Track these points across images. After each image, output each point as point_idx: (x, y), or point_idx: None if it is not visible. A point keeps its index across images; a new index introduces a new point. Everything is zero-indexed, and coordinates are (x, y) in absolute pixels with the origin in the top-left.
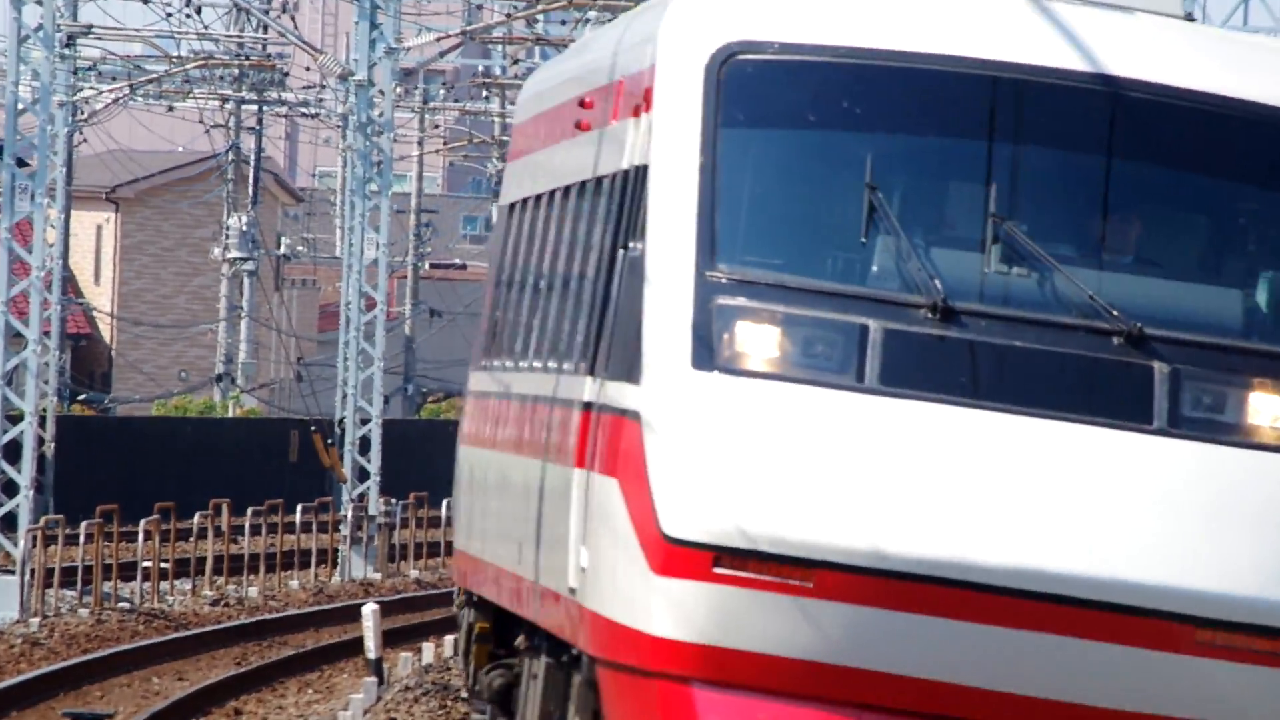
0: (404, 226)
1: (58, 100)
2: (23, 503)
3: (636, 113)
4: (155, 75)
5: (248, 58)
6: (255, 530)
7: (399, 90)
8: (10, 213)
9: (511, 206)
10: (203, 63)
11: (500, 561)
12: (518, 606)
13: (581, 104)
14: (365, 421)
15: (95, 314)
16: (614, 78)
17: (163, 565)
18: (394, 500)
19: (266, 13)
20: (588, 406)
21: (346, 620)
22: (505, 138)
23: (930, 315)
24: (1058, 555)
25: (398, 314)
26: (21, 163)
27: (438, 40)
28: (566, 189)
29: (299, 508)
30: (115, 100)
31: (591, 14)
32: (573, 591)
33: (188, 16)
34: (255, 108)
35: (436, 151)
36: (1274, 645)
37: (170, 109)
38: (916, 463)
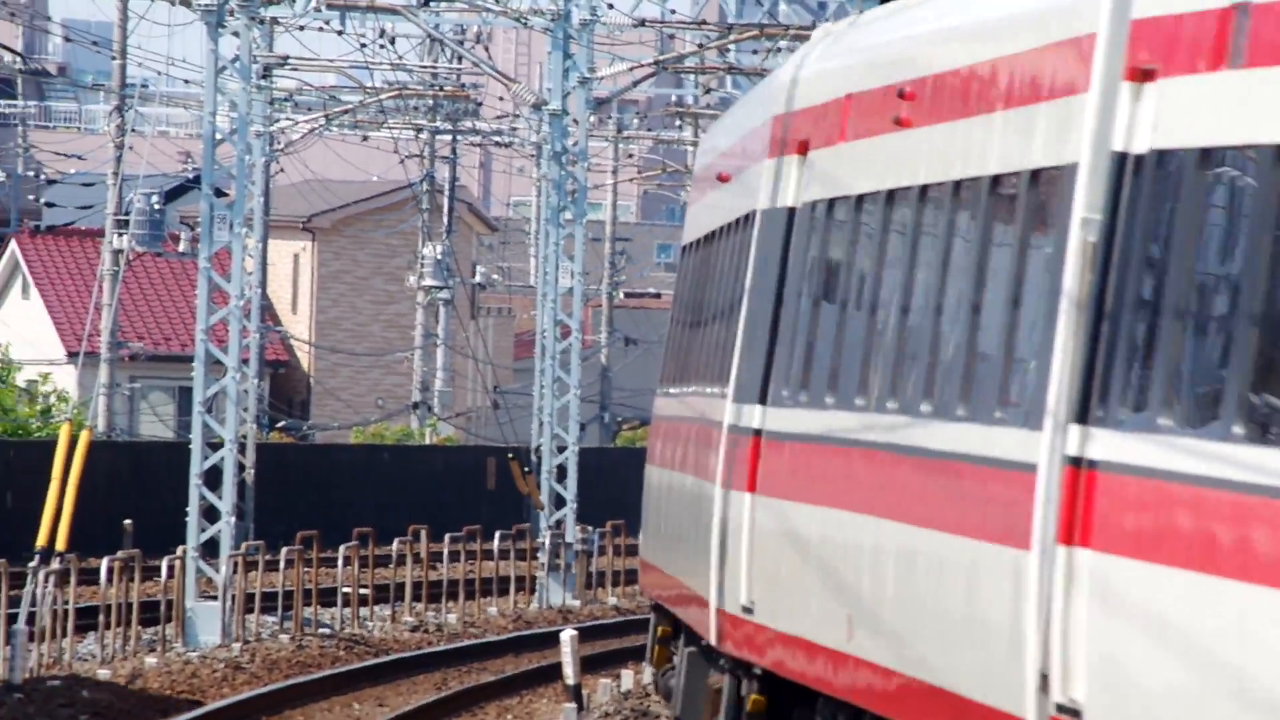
0: (598, 255)
1: (255, 131)
2: (224, 529)
3: None
4: (350, 106)
5: (442, 88)
6: (454, 557)
7: (593, 119)
8: (209, 242)
9: None
10: (397, 93)
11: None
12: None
13: None
14: (562, 449)
15: (293, 342)
16: None
17: (362, 591)
18: (590, 527)
19: (460, 43)
20: None
21: (545, 646)
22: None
23: None
24: None
25: (593, 342)
26: (220, 193)
27: (631, 70)
28: None
29: (496, 535)
30: (311, 130)
31: (783, 43)
32: None
33: (382, 47)
34: (450, 137)
35: (630, 180)
36: None
37: (365, 139)
38: None
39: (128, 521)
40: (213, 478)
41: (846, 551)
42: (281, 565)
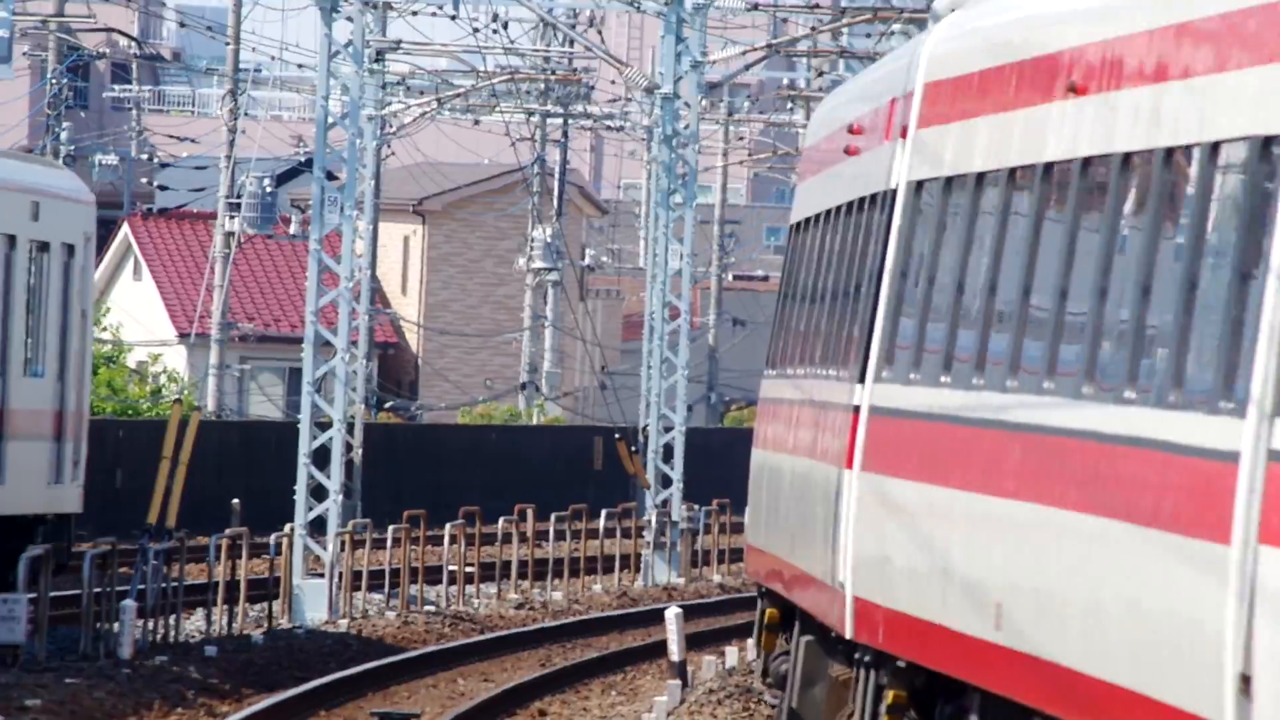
0: (708, 237)
1: (366, 114)
2: (332, 507)
3: None
4: (462, 90)
5: (553, 72)
6: (559, 535)
7: (704, 103)
8: (320, 224)
9: None
10: (509, 77)
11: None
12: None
13: None
14: (668, 429)
15: (402, 323)
16: None
17: (468, 569)
18: (696, 506)
19: (573, 27)
20: None
21: (650, 624)
22: None
23: None
24: None
25: (701, 324)
26: (331, 176)
27: (743, 54)
28: None
29: (603, 513)
30: (422, 114)
31: (896, 26)
32: None
33: (494, 32)
34: (561, 121)
35: (740, 163)
36: None
37: (476, 122)
38: None
39: (236, 500)
40: (321, 457)
41: None
42: (389, 543)
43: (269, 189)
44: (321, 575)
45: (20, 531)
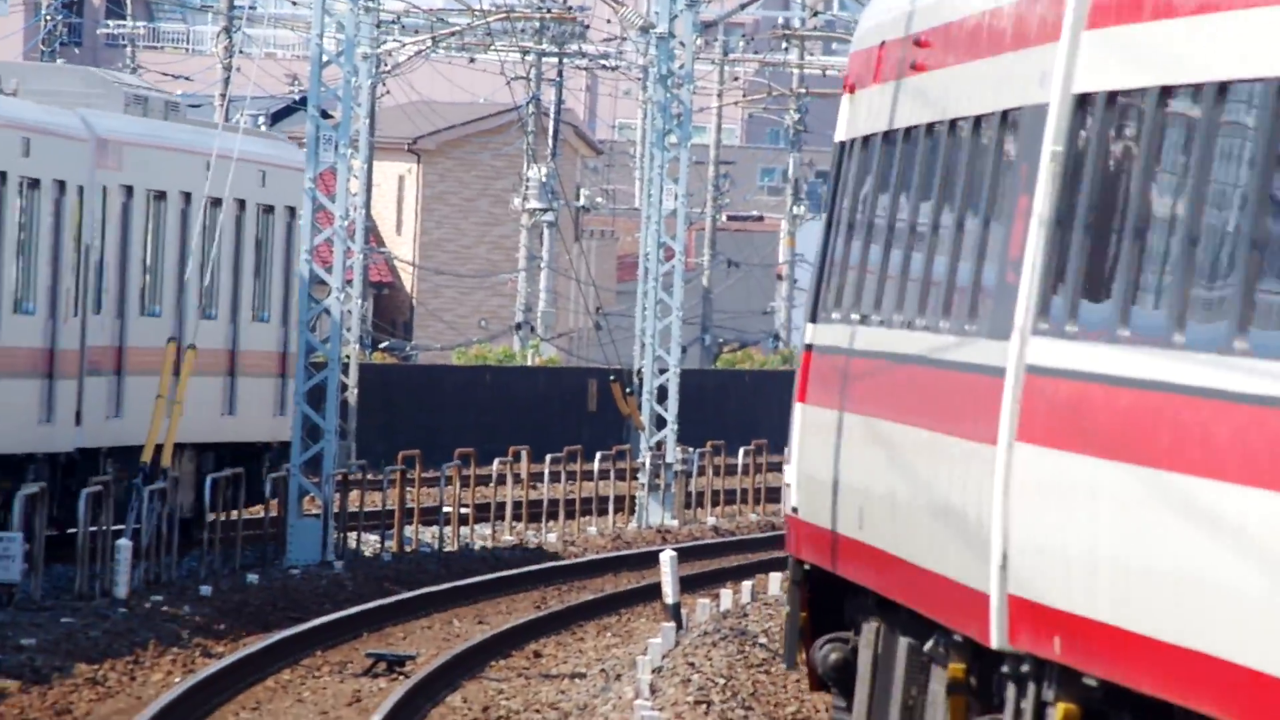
0: (702, 178)
1: (361, 53)
2: (327, 448)
3: None
4: (457, 28)
5: (549, 10)
6: (554, 477)
7: (699, 42)
8: (315, 163)
9: None
10: (504, 16)
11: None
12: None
13: None
14: (663, 371)
15: (397, 263)
16: None
17: (463, 510)
18: (690, 448)
19: None
20: None
21: (644, 566)
22: (803, 90)
23: None
24: None
25: (695, 265)
26: (326, 114)
27: None
28: None
29: (597, 455)
30: (418, 53)
31: None
32: None
33: None
34: (556, 60)
35: (735, 103)
36: None
37: (471, 61)
38: None
39: None
40: (316, 397)
41: None
42: (384, 484)
43: (264, 127)
44: (316, 516)
45: (251, 456)
